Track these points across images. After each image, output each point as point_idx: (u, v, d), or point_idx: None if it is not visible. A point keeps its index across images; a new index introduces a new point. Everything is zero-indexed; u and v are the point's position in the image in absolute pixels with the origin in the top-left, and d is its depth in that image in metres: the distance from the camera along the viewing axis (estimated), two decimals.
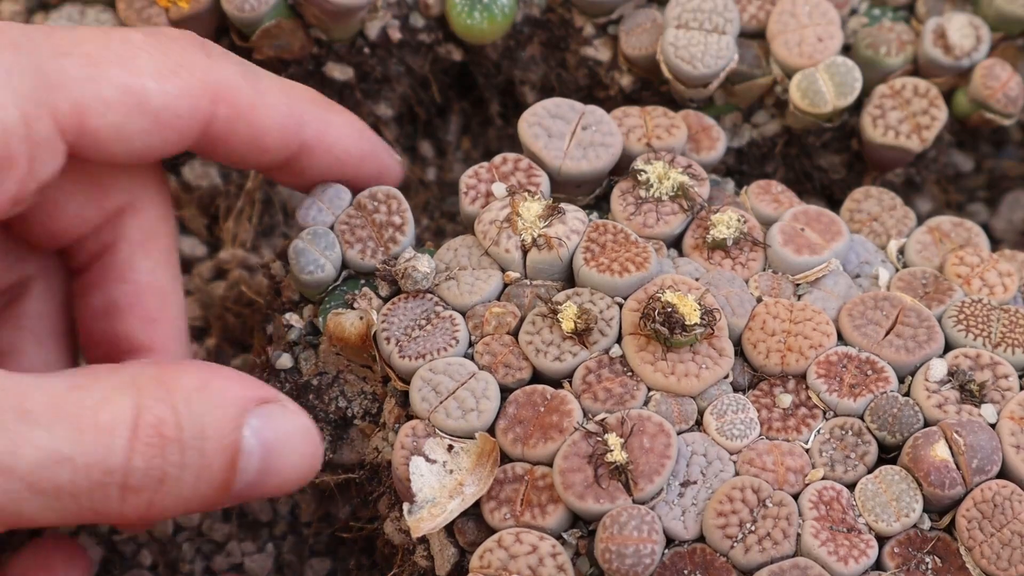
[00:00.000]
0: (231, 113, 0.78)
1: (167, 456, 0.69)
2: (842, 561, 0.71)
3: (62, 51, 0.73)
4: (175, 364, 0.73)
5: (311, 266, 0.81)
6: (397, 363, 0.78)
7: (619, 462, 0.72)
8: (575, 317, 0.77)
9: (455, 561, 0.75)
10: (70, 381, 0.69)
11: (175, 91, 0.75)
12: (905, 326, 0.79)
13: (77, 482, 0.67)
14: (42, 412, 0.67)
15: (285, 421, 0.73)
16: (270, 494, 0.75)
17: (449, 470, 0.75)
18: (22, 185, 0.72)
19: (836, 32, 0.91)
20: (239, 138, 0.79)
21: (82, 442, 0.67)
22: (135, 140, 0.75)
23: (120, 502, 0.69)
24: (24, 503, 0.67)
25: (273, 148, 0.81)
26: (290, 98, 0.82)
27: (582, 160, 0.83)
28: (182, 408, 0.69)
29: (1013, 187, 1.04)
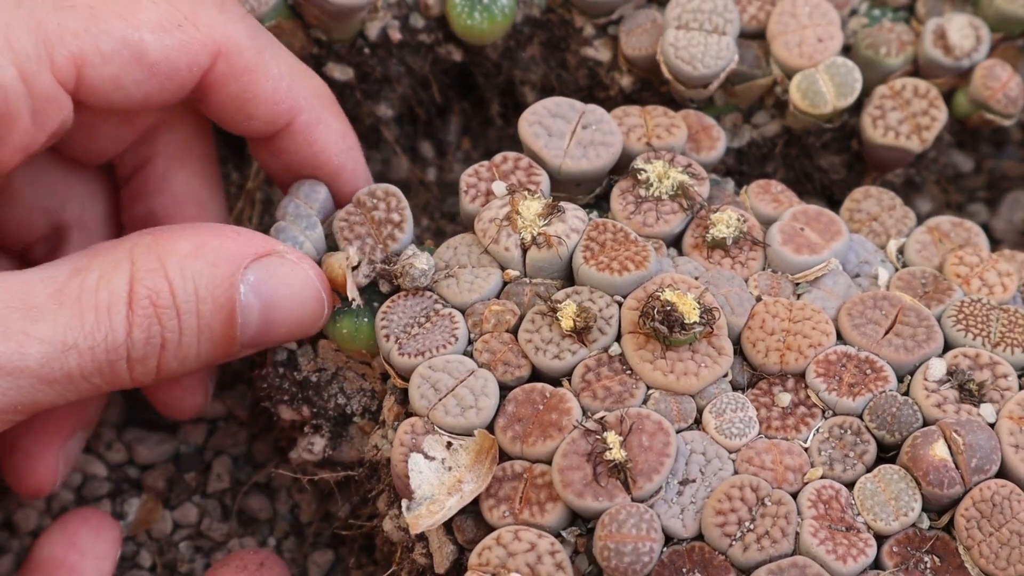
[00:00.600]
0: (228, 70, 0.80)
1: (164, 323, 0.73)
2: (841, 560, 0.71)
3: (64, 4, 0.75)
4: (171, 230, 0.77)
5: (289, 242, 0.81)
6: (396, 360, 0.78)
7: (618, 460, 0.72)
8: (574, 315, 0.77)
9: (454, 559, 0.75)
10: (71, 265, 0.74)
11: (174, 45, 0.77)
12: (904, 325, 0.79)
13: (85, 365, 0.72)
14: (46, 304, 0.71)
15: (283, 271, 0.77)
16: (282, 341, 0.80)
17: (448, 467, 0.75)
18: (28, 137, 0.75)
19: (836, 33, 0.91)
20: (228, 95, 0.81)
21: (84, 326, 0.71)
22: (132, 90, 0.77)
23: (129, 373, 0.74)
24: (38, 394, 0.72)
25: (258, 117, 0.82)
26: (293, 79, 0.83)
27: (582, 159, 0.83)
28: (174, 274, 0.74)
29: (1013, 187, 1.04)
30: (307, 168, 0.85)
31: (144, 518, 0.92)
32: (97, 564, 0.84)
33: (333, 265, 0.81)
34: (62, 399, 0.73)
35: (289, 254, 0.78)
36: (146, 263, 0.74)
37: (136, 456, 0.94)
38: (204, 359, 0.76)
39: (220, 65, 0.79)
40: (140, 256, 0.74)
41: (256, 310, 0.76)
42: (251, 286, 0.75)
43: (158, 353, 0.74)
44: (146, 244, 0.75)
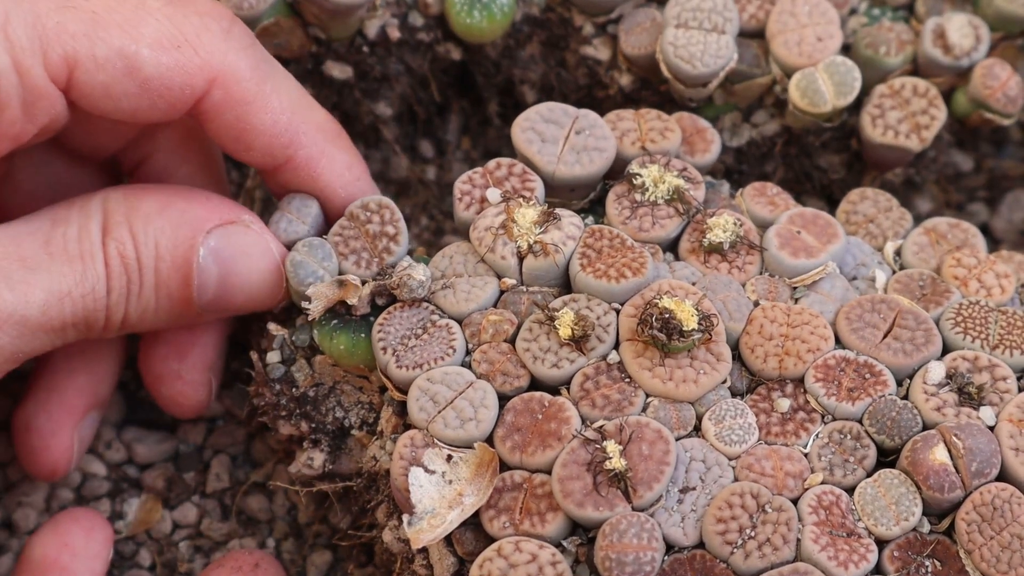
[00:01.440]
0: (224, 98, 0.80)
1: (130, 275, 0.77)
2: (842, 566, 0.71)
3: (67, 4, 0.76)
4: (143, 188, 0.80)
5: (310, 278, 0.81)
6: (394, 373, 0.78)
7: (618, 469, 0.72)
8: (572, 324, 0.77)
9: (454, 570, 0.75)
10: (50, 216, 0.77)
11: (170, 64, 0.77)
12: (903, 329, 0.79)
13: (77, 313, 0.75)
14: (37, 254, 0.75)
15: (245, 241, 0.80)
16: (240, 310, 0.83)
17: (448, 480, 0.75)
18: (18, 127, 0.76)
19: (836, 32, 0.90)
20: (224, 124, 0.81)
21: (75, 275, 0.75)
22: (122, 102, 0.78)
23: (102, 323, 0.77)
24: (35, 342, 0.76)
25: (257, 149, 0.82)
26: (295, 113, 0.83)
27: (576, 165, 0.83)
28: (139, 229, 0.77)
29: (1013, 187, 1.03)
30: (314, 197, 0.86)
31: (144, 518, 0.93)
32: (89, 564, 0.85)
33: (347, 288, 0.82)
34: (48, 347, 0.77)
35: (254, 224, 0.80)
36: (115, 216, 0.77)
37: (135, 455, 0.95)
38: (163, 317, 0.79)
39: (216, 92, 0.79)
40: (111, 209, 0.77)
41: (214, 275, 0.79)
42: (211, 250, 0.78)
43: (125, 305, 0.77)
44: (116, 198, 0.78)
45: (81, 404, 0.89)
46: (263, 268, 0.81)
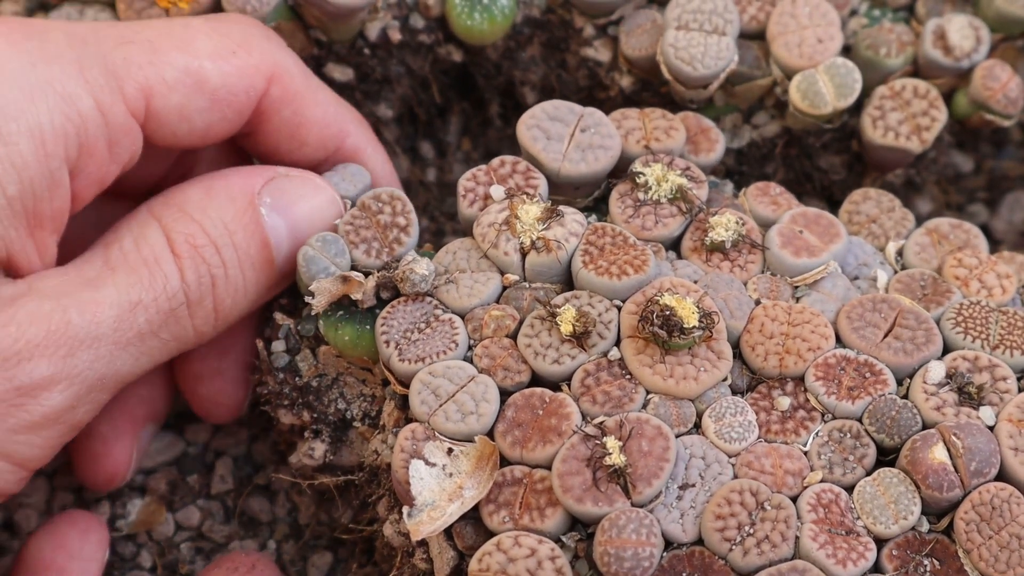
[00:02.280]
0: (281, 94, 0.83)
1: (208, 259, 0.78)
2: (840, 564, 0.71)
3: (125, 39, 0.78)
4: (175, 187, 0.81)
5: (321, 273, 0.81)
6: (396, 366, 0.78)
7: (618, 465, 0.72)
8: (574, 320, 0.77)
9: (454, 564, 0.75)
10: (102, 241, 0.78)
11: (232, 71, 0.80)
12: (903, 328, 0.79)
13: (152, 320, 0.76)
14: (101, 273, 0.75)
15: (294, 186, 0.81)
16: None
17: (449, 473, 0.75)
18: (103, 169, 0.78)
19: (836, 33, 0.91)
20: (283, 121, 0.84)
21: (143, 282, 0.76)
22: (196, 119, 0.80)
23: (191, 320, 0.78)
24: (117, 362, 0.76)
25: (312, 143, 0.86)
26: (339, 106, 0.87)
27: (580, 162, 0.83)
28: (198, 216, 0.78)
29: (1013, 188, 1.04)
30: None
31: (145, 519, 0.92)
32: (84, 566, 0.85)
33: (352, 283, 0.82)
34: (139, 366, 0.77)
35: (292, 172, 0.83)
36: (170, 215, 0.78)
37: None
38: (252, 291, 0.81)
39: (274, 89, 0.83)
40: (161, 212, 0.79)
41: (283, 226, 0.81)
42: (269, 207, 0.80)
43: (211, 292, 0.79)
44: (161, 203, 0.80)
45: (143, 414, 0.90)
46: (323, 202, 0.83)
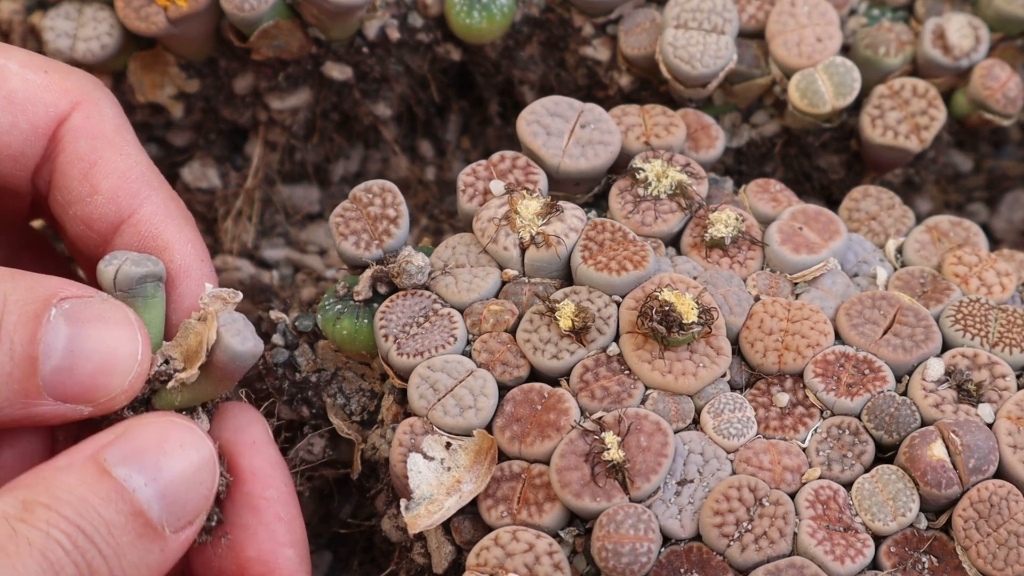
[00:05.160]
0: (83, 125, 0.76)
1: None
2: (838, 560, 0.71)
3: None
4: None
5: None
6: (395, 360, 0.78)
7: (616, 460, 0.72)
8: (573, 315, 0.77)
9: (452, 559, 0.75)
10: None
11: (37, 82, 0.75)
12: (903, 325, 0.79)
13: None
14: None
15: (103, 307, 0.70)
16: (86, 391, 0.70)
17: (447, 467, 0.75)
18: None
19: (835, 32, 0.91)
20: (78, 154, 0.76)
21: None
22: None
23: None
24: None
25: (105, 192, 0.77)
26: (147, 169, 0.78)
27: (580, 158, 0.83)
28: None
29: (1012, 187, 1.04)
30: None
31: None
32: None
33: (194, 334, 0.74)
34: None
35: (115, 302, 0.72)
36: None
37: None
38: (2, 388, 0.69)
39: (77, 117, 0.77)
40: None
41: (63, 336, 0.69)
42: (64, 312, 0.69)
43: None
44: None
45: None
46: (120, 336, 0.71)
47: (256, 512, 0.74)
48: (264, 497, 0.74)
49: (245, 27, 0.92)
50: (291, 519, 0.74)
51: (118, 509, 0.66)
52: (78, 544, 0.65)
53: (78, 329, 0.69)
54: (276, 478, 0.75)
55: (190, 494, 0.69)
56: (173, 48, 0.95)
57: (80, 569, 0.64)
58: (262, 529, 0.74)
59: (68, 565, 0.64)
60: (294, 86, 0.98)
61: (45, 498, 0.65)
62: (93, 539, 0.65)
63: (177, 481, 0.68)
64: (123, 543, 0.66)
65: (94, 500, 0.66)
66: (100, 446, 0.67)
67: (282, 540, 0.74)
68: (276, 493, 0.74)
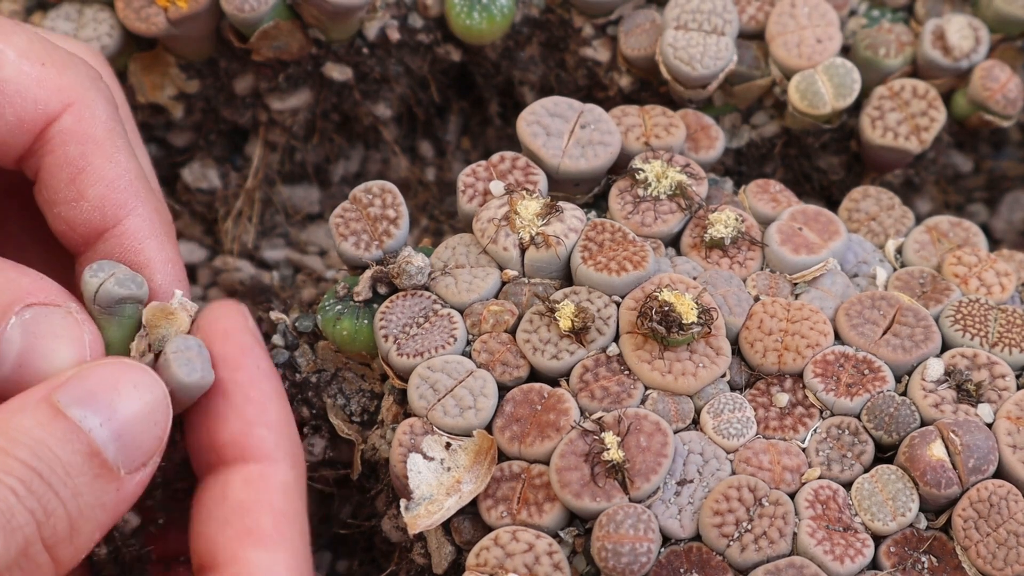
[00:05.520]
0: (73, 128, 0.75)
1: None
2: (838, 560, 0.71)
3: None
4: None
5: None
6: (395, 361, 0.78)
7: (616, 460, 0.72)
8: (572, 315, 0.77)
9: (452, 559, 0.75)
10: None
11: (32, 75, 0.74)
12: (902, 325, 0.79)
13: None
14: None
15: (61, 323, 0.70)
16: None
17: (447, 468, 0.75)
18: None
19: (835, 33, 0.91)
20: (66, 158, 0.75)
21: None
22: None
23: None
24: None
25: (91, 199, 0.75)
26: (142, 180, 0.77)
27: (580, 159, 0.83)
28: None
29: (1012, 188, 1.04)
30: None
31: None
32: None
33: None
34: None
35: (78, 314, 0.71)
36: None
37: None
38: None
39: (67, 119, 0.75)
40: None
41: (16, 346, 0.69)
42: (23, 323, 0.69)
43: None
44: None
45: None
46: (67, 358, 0.70)
47: (226, 396, 0.73)
48: (233, 381, 0.74)
49: (245, 28, 0.92)
50: (263, 399, 0.74)
51: (74, 449, 0.65)
52: (33, 488, 0.64)
53: (31, 343, 0.69)
54: (246, 362, 0.74)
55: (144, 435, 0.68)
56: (173, 49, 0.95)
57: (35, 515, 0.64)
58: (232, 412, 0.73)
59: (21, 512, 0.63)
60: (294, 87, 0.98)
61: (0, 441, 0.64)
62: (50, 481, 0.64)
63: (132, 422, 0.67)
64: (80, 484, 0.65)
65: (50, 441, 0.65)
66: (52, 387, 0.66)
67: (252, 420, 0.73)
68: (245, 376, 0.74)
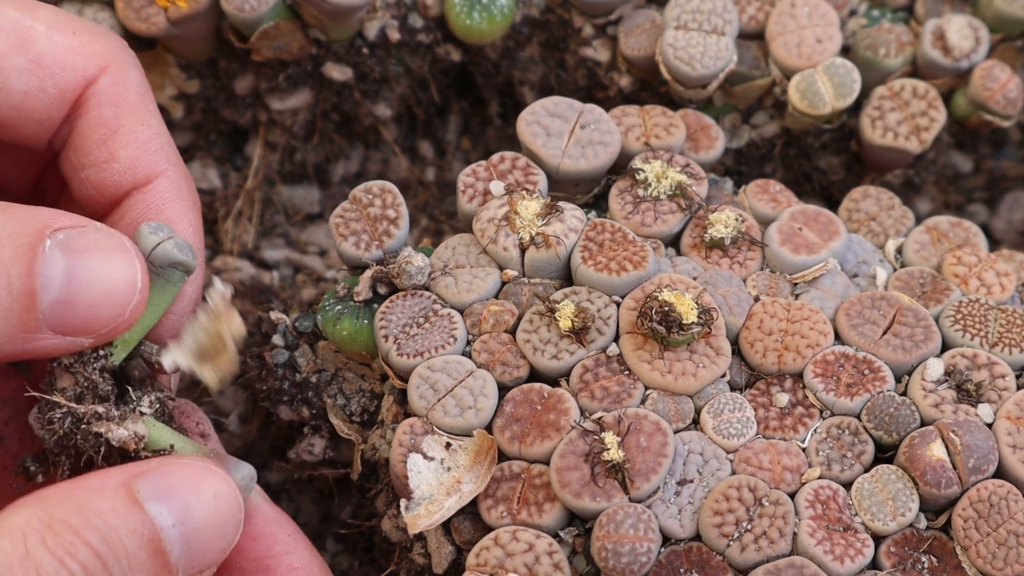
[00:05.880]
0: (109, 90, 0.76)
1: None
2: (838, 560, 0.71)
3: None
4: None
5: None
6: (395, 361, 0.78)
7: (616, 460, 0.72)
8: (572, 315, 0.77)
9: (452, 559, 0.75)
10: None
11: (65, 44, 0.74)
12: (902, 325, 0.79)
13: None
14: None
15: (98, 237, 0.68)
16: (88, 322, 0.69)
17: (447, 468, 0.75)
18: None
19: (835, 33, 0.91)
20: (100, 119, 0.76)
21: None
22: (12, 79, 0.73)
23: None
24: None
25: (123, 160, 0.76)
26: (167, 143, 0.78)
27: (580, 159, 0.83)
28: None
29: (1012, 188, 1.04)
30: None
31: None
32: None
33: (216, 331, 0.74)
34: None
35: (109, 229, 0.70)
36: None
37: None
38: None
39: (104, 81, 0.76)
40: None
41: (61, 267, 0.67)
42: (59, 243, 0.67)
43: None
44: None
45: None
46: (118, 268, 0.69)
47: (269, 572, 0.73)
48: (272, 556, 0.73)
49: (245, 28, 0.92)
50: (305, 563, 0.74)
51: (142, 545, 0.64)
52: (93, 574, 0.62)
53: (75, 260, 0.67)
54: (278, 533, 0.74)
55: (212, 544, 0.67)
56: (173, 49, 0.96)
57: None
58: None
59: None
60: (294, 87, 0.98)
61: (74, 519, 0.63)
62: (112, 571, 0.63)
63: (204, 529, 0.66)
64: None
65: (122, 531, 0.63)
66: (133, 475, 0.65)
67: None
68: (282, 547, 0.73)
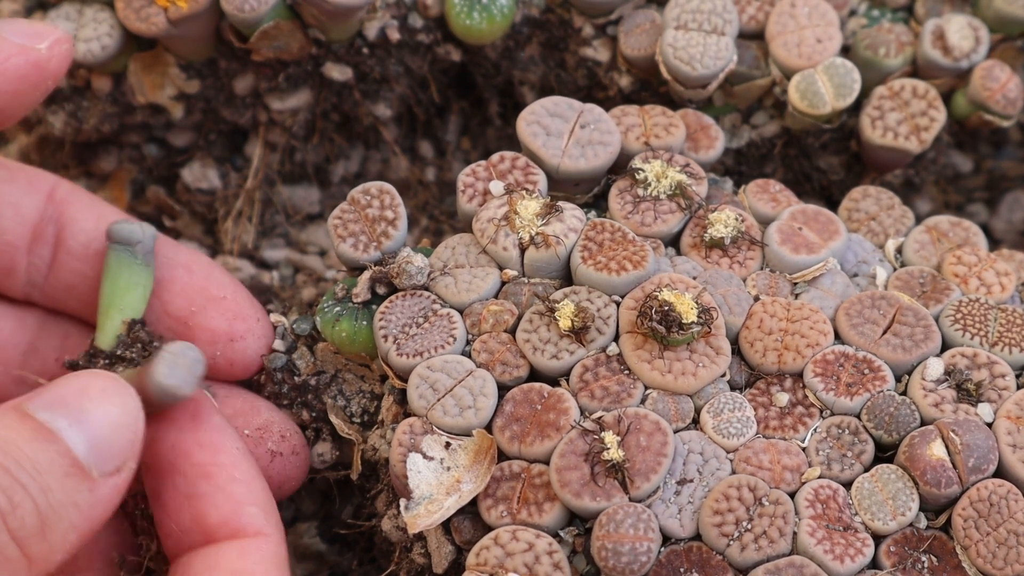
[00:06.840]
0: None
1: None
2: (838, 560, 0.71)
3: None
4: None
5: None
6: (395, 361, 0.78)
7: (616, 460, 0.72)
8: (572, 315, 0.77)
9: (452, 559, 0.75)
10: None
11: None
12: (902, 325, 0.79)
13: None
14: None
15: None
16: None
17: (447, 467, 0.75)
18: None
19: (835, 33, 0.91)
20: None
21: None
22: None
23: None
24: None
25: None
26: None
27: (580, 158, 0.83)
28: None
29: (1012, 187, 1.04)
30: None
31: None
32: None
33: None
34: None
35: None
36: None
37: None
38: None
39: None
40: None
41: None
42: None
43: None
44: None
45: None
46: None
47: (210, 479, 0.74)
48: (215, 463, 0.74)
49: (245, 28, 0.92)
50: (248, 478, 0.74)
51: (42, 448, 0.66)
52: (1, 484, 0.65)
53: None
54: (227, 443, 0.75)
55: (115, 436, 0.68)
56: (173, 49, 0.95)
57: (1, 506, 0.64)
58: (219, 494, 0.74)
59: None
60: (294, 87, 0.98)
61: None
62: (17, 476, 0.65)
63: (101, 423, 0.68)
64: (49, 480, 0.66)
65: (18, 440, 0.66)
66: (24, 399, 0.68)
67: (242, 499, 0.74)
68: (227, 457, 0.74)
